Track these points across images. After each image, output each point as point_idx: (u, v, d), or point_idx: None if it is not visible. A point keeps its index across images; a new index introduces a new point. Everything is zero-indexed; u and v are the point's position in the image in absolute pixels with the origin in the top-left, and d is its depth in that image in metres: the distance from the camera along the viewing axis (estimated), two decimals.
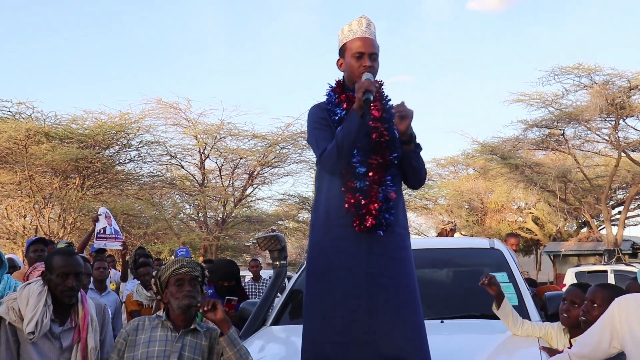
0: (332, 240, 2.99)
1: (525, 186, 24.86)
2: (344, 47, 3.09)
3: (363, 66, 3.00)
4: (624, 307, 3.06)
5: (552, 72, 20.43)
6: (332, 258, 2.97)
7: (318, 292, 3.00)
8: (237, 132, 21.45)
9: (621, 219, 22.91)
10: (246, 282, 11.02)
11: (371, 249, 2.94)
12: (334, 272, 2.95)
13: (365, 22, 3.07)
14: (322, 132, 3.02)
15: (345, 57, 3.08)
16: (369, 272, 2.93)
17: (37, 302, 3.27)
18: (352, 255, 2.94)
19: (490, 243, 4.85)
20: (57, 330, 3.32)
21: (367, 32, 3.05)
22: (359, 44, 3.03)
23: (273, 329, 4.26)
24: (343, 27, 3.11)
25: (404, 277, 2.99)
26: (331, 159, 2.92)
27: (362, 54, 3.02)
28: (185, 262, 3.27)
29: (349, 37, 3.06)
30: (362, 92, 2.82)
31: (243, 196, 23.04)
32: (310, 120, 3.10)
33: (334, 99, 3.08)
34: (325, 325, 2.95)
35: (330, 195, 3.01)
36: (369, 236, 2.94)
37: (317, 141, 3.02)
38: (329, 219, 3.00)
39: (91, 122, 19.83)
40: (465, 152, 28.25)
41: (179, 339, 3.15)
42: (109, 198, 20.87)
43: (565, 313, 3.64)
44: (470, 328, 3.91)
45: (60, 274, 3.31)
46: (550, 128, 22.52)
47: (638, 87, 20.00)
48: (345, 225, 2.96)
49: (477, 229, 28.80)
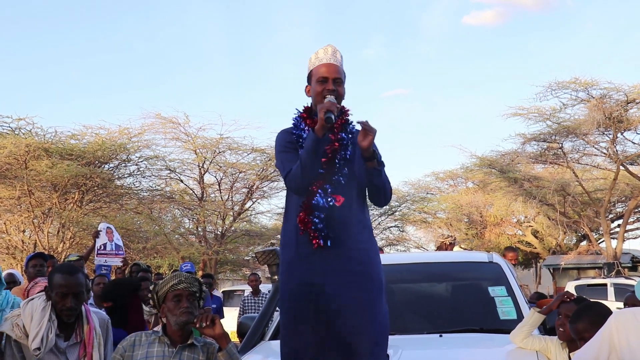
0: (302, 258, 3.06)
1: (524, 200, 24.86)
2: (311, 74, 3.23)
3: (327, 89, 3.11)
4: (622, 321, 3.06)
5: (549, 87, 20.53)
6: (302, 276, 3.05)
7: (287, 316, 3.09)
8: (236, 147, 21.51)
9: (620, 232, 22.90)
10: (245, 296, 11.01)
11: (333, 265, 3.01)
12: (303, 288, 3.03)
13: (331, 50, 3.21)
14: (287, 154, 3.14)
15: (312, 83, 3.21)
16: (328, 290, 2.99)
17: (41, 317, 3.27)
18: (318, 273, 3.01)
19: (489, 257, 4.86)
20: (62, 346, 3.32)
21: (332, 59, 3.19)
22: (323, 70, 3.16)
23: (272, 343, 4.26)
24: (311, 56, 3.25)
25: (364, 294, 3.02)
26: (296, 178, 3.03)
27: (326, 79, 3.14)
28: (183, 278, 3.26)
29: (315, 64, 3.20)
30: (323, 112, 2.93)
31: (242, 210, 23.06)
32: (277, 144, 3.23)
33: (300, 123, 3.20)
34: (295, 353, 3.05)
35: (297, 214, 3.09)
36: (335, 253, 3.02)
37: (283, 163, 3.14)
38: (298, 237, 3.08)
39: (91, 137, 19.89)
40: (464, 166, 28.32)
41: (176, 354, 3.14)
42: (108, 212, 20.87)
43: (562, 327, 3.65)
44: (469, 342, 3.90)
45: (59, 293, 3.32)
46: (548, 142, 22.58)
47: (635, 101, 20.08)
48: (309, 242, 3.03)
49: (476, 243, 28.77)
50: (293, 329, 3.05)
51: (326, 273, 3.01)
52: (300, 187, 3.06)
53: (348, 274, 3.01)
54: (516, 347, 3.71)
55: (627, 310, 3.13)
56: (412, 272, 4.42)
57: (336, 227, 3.03)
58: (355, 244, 3.07)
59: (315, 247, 3.01)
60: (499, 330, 3.99)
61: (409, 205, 29.57)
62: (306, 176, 3.01)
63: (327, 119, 2.92)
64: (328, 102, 3.01)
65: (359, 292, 3.01)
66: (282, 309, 3.14)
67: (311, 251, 3.03)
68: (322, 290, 2.99)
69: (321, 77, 3.15)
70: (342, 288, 2.99)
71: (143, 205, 21.64)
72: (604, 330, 3.10)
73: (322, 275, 3.01)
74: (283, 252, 3.17)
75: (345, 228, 3.05)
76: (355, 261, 3.04)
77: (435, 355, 3.63)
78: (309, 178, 3.02)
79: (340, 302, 2.98)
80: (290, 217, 3.15)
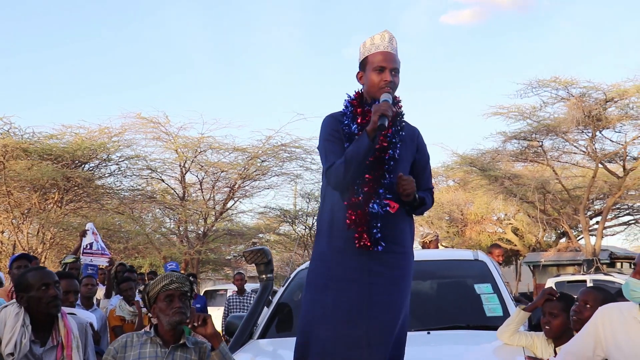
0: (334, 251, 2.97)
1: (504, 197, 25.06)
2: (365, 60, 3.04)
3: (384, 80, 2.96)
4: (607, 316, 3.11)
5: (530, 85, 20.70)
6: (332, 269, 2.97)
7: (310, 302, 3.01)
8: (217, 146, 21.41)
9: (599, 229, 23.16)
10: (230, 296, 11.00)
11: (370, 266, 2.93)
12: (332, 283, 2.94)
13: (388, 37, 3.03)
14: (332, 144, 2.98)
15: (366, 70, 3.03)
16: (363, 288, 2.92)
17: (14, 322, 3.24)
18: (352, 268, 2.93)
19: (474, 254, 4.91)
20: (38, 352, 3.29)
21: (390, 47, 3.00)
22: (380, 58, 2.98)
23: (260, 342, 4.27)
24: (365, 40, 3.07)
25: (397, 296, 2.97)
26: (338, 176, 2.89)
27: (383, 68, 2.97)
28: (175, 278, 3.25)
29: (371, 50, 3.02)
30: (377, 116, 2.77)
31: (224, 209, 22.97)
32: (323, 130, 3.06)
33: (350, 111, 3.04)
34: (313, 336, 2.95)
35: (335, 206, 2.99)
36: (369, 252, 2.93)
37: (326, 154, 2.98)
38: (332, 230, 2.99)
39: (70, 137, 19.70)
40: (445, 164, 28.44)
41: (168, 354, 3.14)
42: (88, 213, 20.70)
43: (547, 325, 3.71)
44: (457, 339, 3.94)
45: (41, 286, 3.31)
46: (528, 140, 22.76)
47: (614, 100, 20.31)
48: (347, 238, 2.93)
49: (457, 240, 28.95)
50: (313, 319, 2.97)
51: (357, 270, 2.92)
52: (341, 185, 2.92)
53: (382, 275, 2.94)
54: (503, 344, 3.76)
55: (613, 305, 3.18)
56: None
57: (388, 232, 2.93)
58: (398, 247, 2.99)
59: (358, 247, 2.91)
60: (485, 327, 4.03)
61: None
62: (348, 176, 2.87)
63: (380, 126, 2.76)
64: (384, 104, 2.82)
65: (389, 294, 2.94)
66: (305, 298, 3.05)
67: (347, 246, 2.93)
68: (351, 286, 2.91)
69: (378, 66, 2.97)
70: (372, 287, 2.92)
71: (124, 205, 21.48)
72: (590, 324, 3.15)
73: (354, 272, 2.93)
74: (317, 240, 3.08)
75: (394, 232, 2.97)
76: (393, 264, 2.97)
77: (424, 352, 3.66)
78: (352, 178, 2.89)
79: (370, 301, 2.91)
80: (326, 208, 3.04)
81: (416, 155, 3.14)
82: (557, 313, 3.66)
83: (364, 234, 2.90)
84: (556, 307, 3.68)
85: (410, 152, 3.09)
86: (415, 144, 3.14)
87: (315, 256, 3.07)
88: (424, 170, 3.18)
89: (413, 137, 3.14)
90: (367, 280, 2.92)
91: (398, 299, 2.97)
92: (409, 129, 3.13)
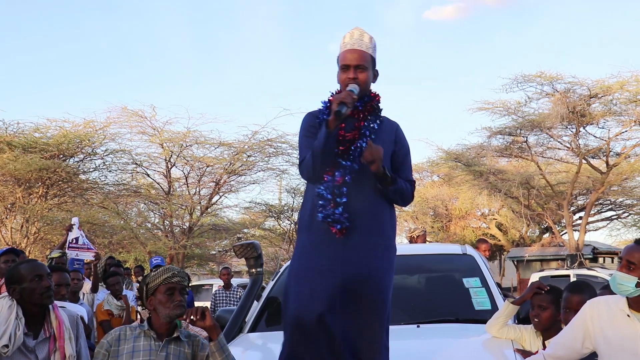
0: (314, 243, 3.04)
1: (489, 193, 25.20)
2: (337, 60, 3.15)
3: (348, 78, 3.05)
4: (595, 309, 3.17)
5: (515, 80, 20.81)
6: (311, 260, 3.02)
7: (292, 293, 3.06)
8: (203, 140, 21.32)
9: (582, 224, 23.37)
10: (217, 290, 10.99)
11: (347, 254, 2.98)
12: (310, 273, 3.00)
13: (357, 34, 3.11)
14: (307, 140, 3.08)
15: (338, 69, 3.13)
16: (341, 277, 2.96)
17: (8, 315, 3.26)
18: (329, 257, 2.98)
19: (463, 249, 4.96)
20: (31, 344, 3.30)
21: (357, 44, 3.08)
22: (346, 56, 3.08)
23: (250, 336, 4.30)
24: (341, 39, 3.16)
25: (375, 284, 3.01)
26: (308, 168, 2.99)
27: (348, 66, 3.06)
28: (177, 271, 3.27)
29: (341, 49, 3.12)
30: (336, 104, 2.86)
31: (209, 204, 22.90)
32: (301, 127, 3.17)
33: (326, 107, 3.11)
34: (295, 326, 3.00)
35: (314, 199, 3.05)
36: (346, 241, 2.98)
37: (300, 149, 3.10)
38: (312, 222, 3.05)
39: (55, 131, 19.55)
40: (430, 160, 28.58)
41: (162, 347, 3.15)
42: (73, 207, 20.56)
43: (536, 318, 3.76)
44: (446, 332, 3.98)
45: (33, 277, 3.32)
46: (513, 135, 22.89)
47: (598, 95, 20.47)
48: (326, 229, 3.00)
49: (441, 236, 29.07)
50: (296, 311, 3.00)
51: (337, 262, 2.97)
52: (311, 177, 3.02)
53: (358, 265, 2.98)
54: (491, 337, 3.80)
55: (601, 299, 3.24)
56: None
57: (356, 217, 2.97)
58: (371, 237, 3.03)
59: (337, 236, 2.96)
60: (474, 320, 4.09)
61: None
62: (317, 166, 2.96)
63: (337, 113, 2.85)
64: (343, 93, 2.93)
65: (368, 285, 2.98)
66: (287, 293, 3.09)
67: (325, 238, 2.99)
68: (331, 278, 2.96)
69: (343, 65, 3.08)
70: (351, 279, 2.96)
71: (109, 200, 21.36)
72: (579, 317, 3.21)
73: (334, 263, 2.97)
74: (298, 237, 3.15)
75: (363, 219, 3.00)
76: (369, 253, 3.00)
77: (413, 345, 3.70)
78: (320, 168, 2.97)
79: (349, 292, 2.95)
80: (305, 204, 3.13)
81: (395, 147, 3.20)
82: (546, 305, 3.71)
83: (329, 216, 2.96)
84: (545, 300, 3.74)
85: (389, 146, 3.15)
86: (393, 138, 3.21)
87: (296, 249, 3.14)
88: (403, 162, 3.24)
89: (391, 131, 3.22)
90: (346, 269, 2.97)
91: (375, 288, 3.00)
92: (388, 124, 3.22)
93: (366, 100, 3.09)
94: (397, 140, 3.22)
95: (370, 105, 3.10)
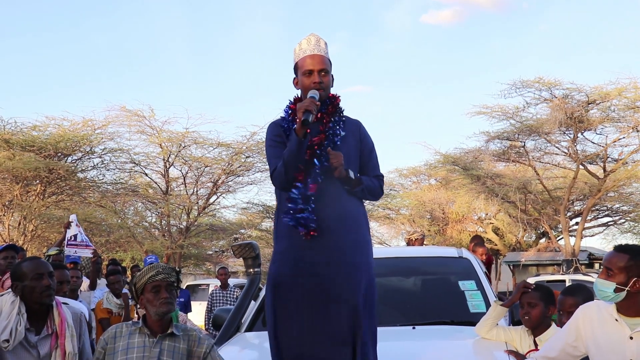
0: (296, 249, 3.08)
1: (486, 197, 25.22)
2: (296, 66, 3.22)
3: (313, 82, 3.12)
4: (587, 313, 3.23)
5: (514, 85, 20.84)
6: (295, 267, 3.06)
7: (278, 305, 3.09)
8: (202, 141, 21.36)
9: (579, 229, 23.41)
10: (213, 290, 11.02)
11: (326, 256, 3.03)
12: (295, 280, 3.05)
13: (314, 40, 3.21)
14: (274, 149, 3.16)
15: (299, 75, 3.20)
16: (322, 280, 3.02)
17: (10, 310, 3.29)
18: (312, 263, 3.03)
19: (459, 252, 5.00)
20: (33, 340, 3.33)
21: (316, 50, 3.18)
22: (308, 62, 3.16)
23: (247, 335, 4.33)
24: (295, 46, 3.24)
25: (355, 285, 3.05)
26: (280, 177, 3.06)
27: (311, 71, 3.14)
28: (161, 269, 3.30)
29: (300, 55, 3.20)
30: (301, 112, 2.93)
31: (207, 204, 22.94)
32: (266, 138, 3.25)
33: (289, 115, 3.20)
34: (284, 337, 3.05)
35: (284, 204, 3.10)
36: (322, 243, 3.03)
37: (269, 159, 3.17)
38: (284, 227, 3.09)
39: (53, 129, 19.57)
40: (428, 163, 28.57)
41: (156, 344, 3.19)
42: (70, 205, 20.57)
43: (527, 316, 3.81)
44: (441, 334, 4.03)
45: (35, 276, 3.35)
46: (511, 140, 22.92)
47: (596, 102, 20.53)
48: (297, 233, 3.05)
49: (438, 239, 29.10)
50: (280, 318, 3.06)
51: (316, 264, 3.02)
52: (284, 186, 3.08)
53: (336, 265, 3.03)
54: (484, 338, 3.85)
55: (593, 304, 3.31)
56: (385, 266, 4.51)
57: (325, 218, 3.03)
58: (344, 235, 3.07)
59: (306, 239, 3.02)
60: (469, 323, 4.11)
61: (373, 202, 29.67)
62: (289, 175, 3.03)
63: (304, 121, 2.92)
64: (307, 101, 2.99)
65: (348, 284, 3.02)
66: (269, 299, 3.14)
67: (303, 243, 3.04)
68: (311, 280, 3.02)
69: (307, 70, 3.15)
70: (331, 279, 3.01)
71: (106, 199, 21.38)
72: (572, 321, 3.27)
73: (312, 266, 3.02)
74: (276, 243, 3.19)
75: (333, 219, 3.05)
76: (343, 252, 3.05)
77: (409, 346, 3.74)
78: (292, 176, 3.04)
79: (329, 293, 3.00)
80: (277, 211, 3.18)
81: (360, 145, 3.26)
82: (535, 302, 3.77)
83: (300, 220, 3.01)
84: (533, 297, 3.80)
85: (354, 146, 3.22)
86: (358, 137, 3.27)
87: (274, 258, 3.18)
88: (369, 158, 3.30)
89: (355, 131, 3.28)
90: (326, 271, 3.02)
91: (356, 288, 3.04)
92: (351, 123, 3.28)
93: (328, 102, 3.18)
94: (362, 138, 3.29)
95: (332, 107, 3.19)
